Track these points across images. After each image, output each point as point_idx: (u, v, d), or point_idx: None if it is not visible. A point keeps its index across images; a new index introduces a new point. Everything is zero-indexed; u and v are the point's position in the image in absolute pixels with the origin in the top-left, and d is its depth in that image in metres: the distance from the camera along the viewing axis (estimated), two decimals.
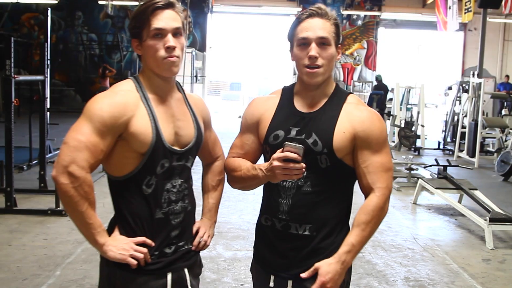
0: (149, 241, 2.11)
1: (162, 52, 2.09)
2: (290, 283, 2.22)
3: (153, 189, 2.12)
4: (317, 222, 2.19)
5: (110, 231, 2.17)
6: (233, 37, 23.05)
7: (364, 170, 2.20)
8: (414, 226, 7.19)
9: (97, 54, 23.01)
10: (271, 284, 2.27)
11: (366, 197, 2.24)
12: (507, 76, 22.14)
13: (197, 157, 2.37)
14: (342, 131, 2.18)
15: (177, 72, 2.17)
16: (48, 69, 8.60)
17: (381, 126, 2.24)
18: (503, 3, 14.90)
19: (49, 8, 9.49)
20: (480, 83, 12.98)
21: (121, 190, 2.15)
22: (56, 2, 17.95)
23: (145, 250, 2.09)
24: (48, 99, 8.63)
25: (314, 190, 2.20)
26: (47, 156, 8.18)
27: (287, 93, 2.36)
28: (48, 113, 8.49)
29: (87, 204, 2.00)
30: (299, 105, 2.30)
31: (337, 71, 23.38)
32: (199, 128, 2.28)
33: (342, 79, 23.22)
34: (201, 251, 2.36)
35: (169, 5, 2.13)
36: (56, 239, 5.88)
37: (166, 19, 2.10)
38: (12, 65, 6.75)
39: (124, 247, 2.07)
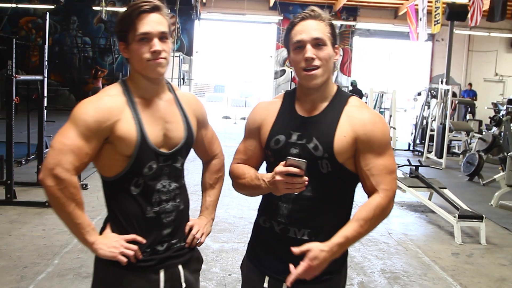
0: (139, 238, 2.04)
1: (147, 56, 1.99)
2: (285, 286, 2.07)
3: (142, 189, 2.04)
4: (316, 227, 2.06)
5: (104, 230, 2.11)
6: (218, 42, 22.88)
7: (367, 173, 2.04)
8: (388, 221, 7.19)
9: (91, 57, 22.83)
10: (265, 285, 2.15)
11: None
12: (470, 84, 22.39)
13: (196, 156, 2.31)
14: (343, 135, 2.04)
15: (164, 73, 2.06)
16: (47, 70, 8.49)
17: (384, 128, 2.08)
18: (469, 16, 15.01)
19: (48, 13, 9.36)
20: (447, 90, 13.07)
21: (112, 190, 2.08)
22: (53, 7, 17.77)
23: (135, 247, 2.02)
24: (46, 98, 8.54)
25: (314, 196, 2.07)
26: (44, 151, 8.09)
27: (289, 98, 2.22)
28: (45, 111, 8.38)
29: (74, 205, 1.95)
30: (300, 110, 2.15)
31: None
32: (190, 129, 2.17)
33: None
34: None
35: (155, 9, 2.01)
36: (54, 230, 5.80)
37: (152, 23, 1.98)
38: (14, 65, 6.66)
39: (114, 245, 2.00)
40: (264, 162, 2.28)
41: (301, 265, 1.94)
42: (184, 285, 2.17)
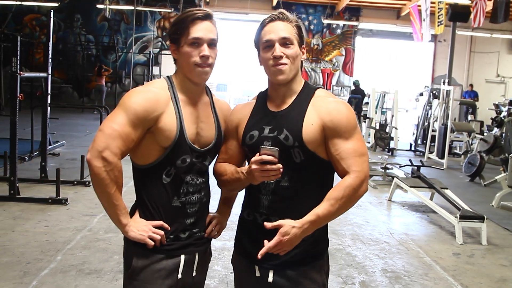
0: (166, 225, 2.18)
1: (197, 59, 2.14)
2: (271, 273, 2.20)
3: (172, 179, 2.18)
4: (296, 216, 2.07)
5: (131, 215, 2.23)
6: (221, 41, 22.88)
7: (337, 157, 2.13)
8: (389, 221, 7.20)
9: (94, 54, 22.81)
10: (258, 274, 2.24)
11: None
12: (471, 85, 22.37)
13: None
14: (310, 123, 2.15)
15: (207, 79, 2.24)
16: (50, 67, 8.51)
17: (349, 114, 2.17)
18: (471, 17, 14.99)
19: (52, 10, 9.38)
20: (449, 91, 13.05)
21: (143, 177, 2.21)
22: (57, 4, 17.78)
23: (162, 232, 2.16)
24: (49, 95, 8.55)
25: (291, 185, 2.17)
26: (48, 147, 8.09)
27: (262, 97, 2.35)
28: (49, 108, 8.39)
29: (116, 187, 2.08)
30: (272, 106, 2.28)
31: (317, 75, 23.43)
32: (220, 131, 2.33)
33: (321, 83, 23.26)
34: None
35: (208, 17, 2.18)
36: (57, 226, 5.80)
37: (204, 30, 2.15)
38: (18, 62, 6.66)
39: (144, 229, 2.15)
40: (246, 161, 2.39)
41: (273, 240, 2.03)
42: (194, 273, 2.29)
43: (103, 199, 2.11)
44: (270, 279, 2.20)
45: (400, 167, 10.27)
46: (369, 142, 14.82)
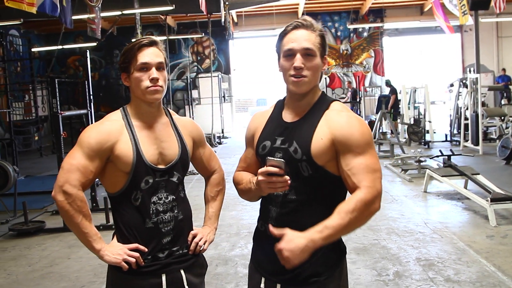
0: (141, 247, 2.21)
1: (147, 83, 2.21)
2: (278, 286, 2.14)
3: (140, 202, 2.22)
4: (302, 229, 1.92)
5: (111, 241, 2.30)
6: (253, 58, 23.05)
7: (348, 173, 2.00)
8: (425, 212, 7.18)
9: None
10: (262, 285, 2.20)
11: None
12: (504, 70, 21.84)
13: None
14: (320, 137, 2.04)
15: (160, 99, 2.28)
16: (91, 103, 8.84)
17: (362, 129, 2.04)
18: (492, 4, 14.74)
19: (88, 50, 9.73)
20: (477, 78, 12.88)
21: (115, 204, 2.28)
22: (94, 44, 18.34)
23: (137, 254, 2.19)
24: None
25: (298, 198, 2.07)
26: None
27: (279, 106, 2.27)
28: None
29: (82, 216, 2.14)
30: (287, 116, 2.19)
31: (349, 79, 23.38)
32: (184, 147, 2.35)
33: (354, 86, 23.22)
34: (237, 252, 2.41)
35: (153, 43, 2.25)
36: None
37: (150, 55, 2.22)
38: (58, 103, 6.98)
39: (118, 252, 2.18)
40: None
41: (276, 247, 1.90)
42: (187, 287, 2.31)
43: (73, 229, 2.18)
44: None
45: (431, 158, 10.20)
46: (405, 138, 14.71)
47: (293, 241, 1.87)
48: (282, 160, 1.95)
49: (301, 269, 2.03)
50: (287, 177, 1.94)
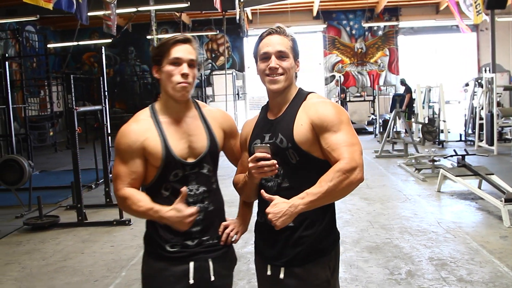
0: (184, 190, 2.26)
1: (177, 77, 2.27)
2: (282, 269, 2.26)
3: (171, 192, 2.32)
4: (299, 215, 2.13)
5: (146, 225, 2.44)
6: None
7: (328, 150, 2.17)
8: (438, 211, 7.14)
9: (150, 83, 23.47)
10: (268, 272, 2.31)
11: None
12: None
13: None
14: (300, 124, 2.23)
15: (188, 97, 2.36)
16: (106, 100, 8.89)
17: (336, 110, 2.24)
18: (509, 3, 14.61)
19: (103, 47, 9.80)
20: (492, 78, 12.77)
21: (148, 194, 2.34)
22: (109, 41, 18.45)
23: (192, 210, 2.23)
24: (109, 125, 8.88)
25: (291, 186, 2.24)
26: (110, 175, 8.43)
27: (264, 109, 2.48)
28: (109, 137, 8.75)
29: (137, 205, 2.27)
30: (271, 115, 2.40)
31: (364, 78, 23.31)
32: (213, 139, 2.41)
33: (369, 85, 23.13)
34: (250, 249, 2.45)
35: (187, 40, 2.32)
36: (121, 245, 6.09)
37: (184, 51, 2.29)
38: (73, 98, 7.02)
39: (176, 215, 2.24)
40: None
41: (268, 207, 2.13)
42: (213, 278, 2.35)
43: (136, 216, 2.34)
44: (282, 275, 2.25)
45: (445, 157, 10.13)
46: (419, 137, 14.64)
47: (277, 205, 2.10)
48: (267, 145, 2.17)
49: (298, 250, 2.24)
50: (274, 161, 2.13)
